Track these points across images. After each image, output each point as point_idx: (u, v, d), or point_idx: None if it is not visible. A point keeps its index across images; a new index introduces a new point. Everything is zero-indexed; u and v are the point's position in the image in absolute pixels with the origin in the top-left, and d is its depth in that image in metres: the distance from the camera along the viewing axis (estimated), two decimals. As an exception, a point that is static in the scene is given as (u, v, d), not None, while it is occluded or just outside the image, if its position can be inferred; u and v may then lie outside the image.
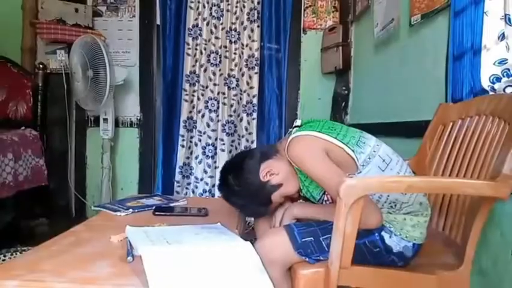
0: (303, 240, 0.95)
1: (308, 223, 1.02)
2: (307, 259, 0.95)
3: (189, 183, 2.73)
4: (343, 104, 2.65)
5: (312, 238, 0.96)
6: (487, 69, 1.17)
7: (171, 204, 1.44)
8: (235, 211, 1.40)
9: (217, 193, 2.72)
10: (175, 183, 2.71)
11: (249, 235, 1.05)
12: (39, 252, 0.92)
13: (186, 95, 2.74)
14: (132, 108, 2.73)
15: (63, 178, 2.64)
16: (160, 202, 1.46)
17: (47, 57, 2.66)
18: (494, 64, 1.16)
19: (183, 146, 2.73)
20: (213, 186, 2.72)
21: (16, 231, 2.23)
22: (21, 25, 2.66)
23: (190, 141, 2.75)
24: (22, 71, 2.57)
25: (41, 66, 2.52)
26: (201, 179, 2.72)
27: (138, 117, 2.78)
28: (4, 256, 1.73)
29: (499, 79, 1.16)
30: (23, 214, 2.36)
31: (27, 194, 2.27)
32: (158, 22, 2.81)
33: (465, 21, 1.27)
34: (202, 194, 2.70)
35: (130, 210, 1.32)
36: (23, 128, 2.38)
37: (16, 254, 1.75)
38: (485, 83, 1.17)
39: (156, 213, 1.30)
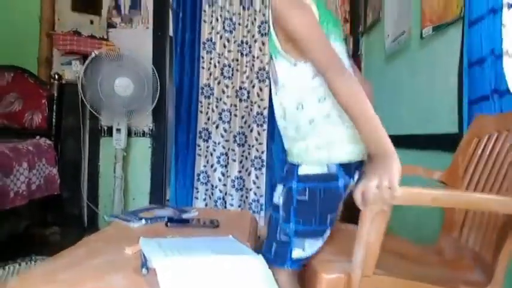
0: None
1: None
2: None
3: (207, 189, 2.81)
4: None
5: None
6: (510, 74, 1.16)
7: (183, 216, 1.45)
8: (246, 224, 1.40)
9: (228, 201, 2.77)
10: (194, 190, 2.80)
11: (261, 248, 1.05)
12: (55, 262, 0.94)
13: (202, 106, 2.80)
14: (144, 118, 2.76)
15: (76, 187, 2.67)
16: (172, 213, 1.47)
17: (63, 67, 2.72)
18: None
19: (199, 155, 2.80)
20: (226, 194, 2.80)
21: (29, 240, 2.26)
22: (38, 36, 2.73)
23: (207, 151, 2.81)
24: (38, 82, 2.64)
25: (56, 76, 2.58)
26: (216, 187, 2.80)
27: (150, 128, 2.82)
28: (19, 265, 1.76)
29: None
30: (35, 222, 2.39)
31: (40, 203, 2.30)
32: (171, 33, 2.86)
33: (483, 30, 1.26)
34: (216, 201, 2.79)
35: (143, 221, 1.34)
36: (37, 137, 2.43)
37: (30, 262, 1.78)
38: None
39: (169, 224, 1.31)
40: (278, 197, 0.99)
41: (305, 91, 0.96)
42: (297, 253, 0.96)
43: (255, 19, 2.78)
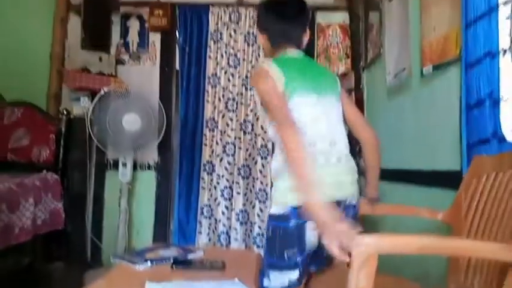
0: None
1: None
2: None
3: (210, 224, 2.79)
4: (357, 148, 2.66)
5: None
6: (509, 121, 1.17)
7: (188, 256, 1.45)
8: (252, 264, 1.40)
9: (233, 235, 2.74)
10: (198, 224, 2.78)
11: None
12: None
13: (206, 139, 2.84)
14: (150, 151, 2.79)
15: (81, 221, 2.67)
16: (178, 253, 1.47)
17: (71, 103, 2.77)
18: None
19: (204, 188, 2.80)
20: (229, 228, 2.77)
21: (32, 276, 2.24)
22: (48, 73, 2.81)
23: (210, 184, 2.82)
24: (47, 117, 2.68)
25: (65, 112, 2.63)
26: (219, 220, 2.78)
27: (156, 161, 2.84)
28: (22, 307, 1.74)
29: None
30: (39, 258, 2.38)
31: (44, 237, 2.30)
32: (177, 67, 2.94)
33: (482, 73, 1.29)
34: (220, 235, 2.76)
35: (149, 262, 1.33)
36: (44, 171, 2.45)
37: (34, 304, 1.75)
38: (509, 135, 1.17)
39: (174, 266, 1.31)
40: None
41: (277, 141, 1.17)
42: (265, 282, 1.11)
43: (259, 55, 2.86)
